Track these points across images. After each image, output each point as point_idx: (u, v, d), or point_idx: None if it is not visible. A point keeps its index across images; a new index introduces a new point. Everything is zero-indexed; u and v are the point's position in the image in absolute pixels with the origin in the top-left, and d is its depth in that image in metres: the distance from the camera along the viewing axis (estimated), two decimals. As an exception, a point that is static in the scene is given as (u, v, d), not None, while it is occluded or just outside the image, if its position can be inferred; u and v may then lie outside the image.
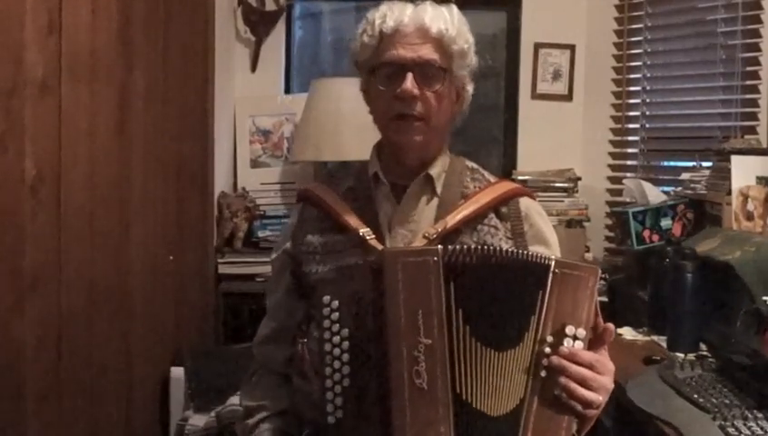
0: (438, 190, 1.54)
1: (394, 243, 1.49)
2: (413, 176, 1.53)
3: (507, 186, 1.56)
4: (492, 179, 1.59)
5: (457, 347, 1.25)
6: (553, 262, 1.29)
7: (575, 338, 1.27)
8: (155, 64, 2.66)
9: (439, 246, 1.30)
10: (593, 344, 1.30)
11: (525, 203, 1.55)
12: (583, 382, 1.26)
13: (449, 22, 1.48)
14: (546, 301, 1.27)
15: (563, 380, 1.25)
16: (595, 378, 1.27)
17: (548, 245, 1.54)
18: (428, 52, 1.47)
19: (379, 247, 1.43)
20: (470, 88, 1.56)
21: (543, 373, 1.26)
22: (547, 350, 1.27)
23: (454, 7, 1.53)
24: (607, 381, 1.30)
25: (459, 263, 1.27)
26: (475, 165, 1.62)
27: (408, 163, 1.53)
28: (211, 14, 3.24)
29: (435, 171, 1.54)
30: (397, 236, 1.51)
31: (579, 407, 1.26)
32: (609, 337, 1.31)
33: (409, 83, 1.45)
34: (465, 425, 1.24)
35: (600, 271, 1.33)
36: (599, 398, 1.28)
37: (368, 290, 1.27)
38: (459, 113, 1.57)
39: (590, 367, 1.27)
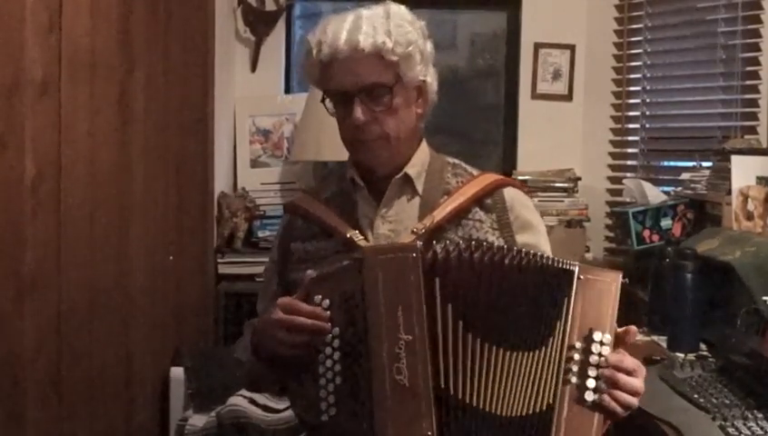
0: (419, 188, 1.54)
1: (377, 244, 1.49)
2: (391, 178, 1.54)
3: (490, 178, 1.57)
4: (475, 172, 1.59)
5: (444, 343, 1.24)
6: (577, 268, 1.29)
7: (601, 343, 1.27)
8: (155, 64, 2.66)
9: (419, 242, 1.31)
10: (615, 346, 1.29)
11: (509, 193, 1.56)
12: (632, 391, 1.27)
13: (385, 32, 1.45)
14: (571, 307, 1.27)
15: (615, 391, 1.25)
16: (639, 385, 1.28)
17: (535, 231, 1.55)
18: (368, 73, 1.45)
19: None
20: (431, 78, 1.53)
21: (574, 379, 1.25)
22: (576, 356, 1.26)
23: (392, 7, 1.49)
24: (643, 386, 1.30)
25: (448, 260, 1.27)
26: (456, 160, 1.62)
27: (378, 173, 1.54)
28: (211, 14, 3.24)
29: (413, 170, 1.55)
30: (379, 238, 1.52)
31: (620, 410, 1.27)
32: (632, 337, 1.31)
33: (358, 112, 1.45)
34: (453, 420, 1.24)
35: (622, 275, 1.32)
36: (637, 402, 1.29)
37: (355, 289, 1.28)
38: (427, 107, 1.56)
39: (632, 373, 1.28)
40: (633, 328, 1.31)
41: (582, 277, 1.28)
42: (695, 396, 1.80)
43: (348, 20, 1.47)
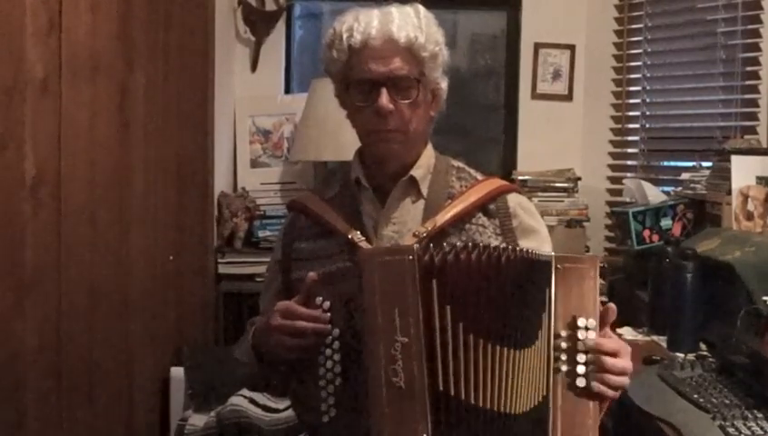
0: (424, 191, 1.55)
1: (376, 246, 1.50)
2: (396, 179, 1.55)
3: (494, 184, 1.58)
4: (479, 177, 1.60)
5: (444, 344, 1.24)
6: (553, 258, 1.30)
7: (586, 329, 1.28)
8: (155, 64, 2.66)
9: (416, 245, 1.31)
10: (600, 329, 1.31)
11: (513, 199, 1.57)
12: (618, 372, 1.29)
13: (417, 27, 1.47)
14: (553, 296, 1.28)
15: (602, 374, 1.28)
16: (624, 364, 1.30)
17: (538, 237, 1.56)
18: (399, 65, 1.46)
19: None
20: (445, 85, 1.56)
21: (564, 367, 1.27)
22: (563, 344, 1.28)
23: (420, 7, 1.52)
24: (630, 364, 1.32)
25: (446, 262, 1.27)
26: (460, 164, 1.63)
27: (389, 169, 1.55)
28: (211, 14, 3.24)
29: (419, 172, 1.56)
30: (383, 239, 1.52)
31: (611, 392, 1.29)
32: (612, 316, 1.33)
33: (384, 99, 1.46)
34: (450, 422, 1.24)
35: (599, 260, 1.35)
36: (627, 381, 1.32)
37: (356, 291, 1.28)
38: (437, 111, 1.58)
39: (616, 354, 1.30)
40: (611, 306, 1.33)
41: (560, 266, 1.29)
42: (695, 396, 1.80)
43: (378, 12, 1.49)
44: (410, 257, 1.26)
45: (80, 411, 2.17)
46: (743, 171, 2.55)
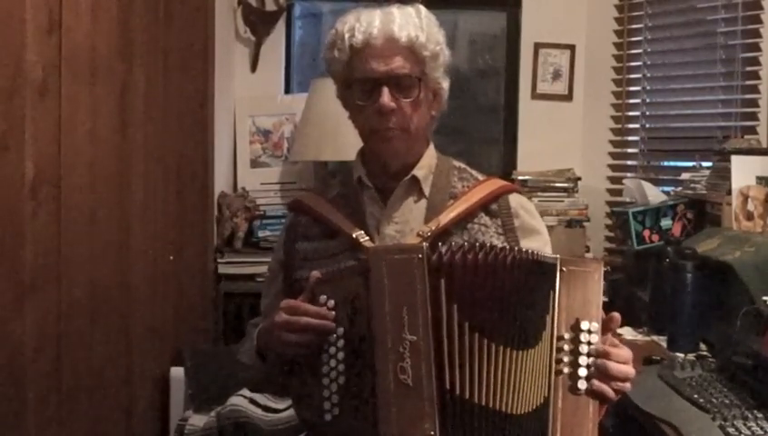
0: (426, 191, 1.56)
1: (383, 244, 1.50)
2: (399, 179, 1.56)
3: (495, 184, 1.59)
4: (480, 177, 1.61)
5: (450, 343, 1.25)
6: (559, 261, 1.30)
7: (589, 332, 1.29)
8: (155, 64, 2.66)
9: (425, 244, 1.31)
10: (602, 333, 1.32)
11: (514, 199, 1.58)
12: (623, 377, 1.30)
13: (418, 27, 1.48)
14: (557, 299, 1.29)
15: (606, 378, 1.28)
16: (627, 369, 1.31)
17: (539, 238, 1.57)
18: (400, 63, 1.48)
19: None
20: (446, 85, 1.57)
21: (566, 370, 1.28)
22: (566, 346, 1.28)
23: (421, 8, 1.53)
24: (633, 370, 1.33)
25: (454, 261, 1.28)
26: (462, 164, 1.64)
27: (391, 168, 1.56)
28: (211, 14, 3.24)
29: (421, 172, 1.56)
30: (385, 238, 1.53)
31: (612, 394, 1.30)
32: (615, 324, 1.33)
33: (386, 97, 1.47)
34: (456, 420, 1.24)
35: (603, 263, 1.36)
36: (629, 386, 1.33)
37: (360, 289, 1.29)
38: (438, 111, 1.59)
39: (623, 361, 1.31)
40: (616, 315, 1.33)
41: (564, 269, 1.30)
42: (695, 396, 1.80)
43: (379, 12, 1.50)
44: (420, 256, 1.27)
45: (80, 410, 2.17)
46: (743, 171, 2.55)
